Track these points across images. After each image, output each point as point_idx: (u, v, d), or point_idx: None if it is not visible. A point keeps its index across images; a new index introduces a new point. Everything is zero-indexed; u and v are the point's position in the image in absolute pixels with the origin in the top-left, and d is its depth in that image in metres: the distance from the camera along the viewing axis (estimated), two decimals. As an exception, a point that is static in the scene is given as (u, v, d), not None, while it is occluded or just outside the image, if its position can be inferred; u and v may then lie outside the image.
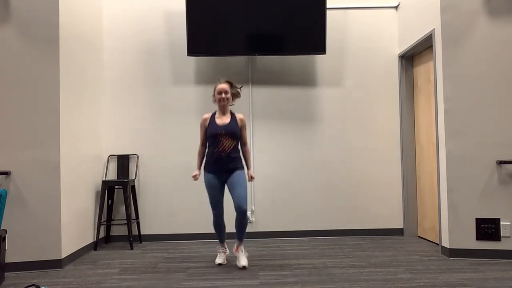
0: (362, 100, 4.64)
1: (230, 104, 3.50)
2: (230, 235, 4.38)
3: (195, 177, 3.39)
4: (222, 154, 3.34)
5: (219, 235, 3.56)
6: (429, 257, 3.61)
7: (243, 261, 3.36)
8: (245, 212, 3.30)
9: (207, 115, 3.46)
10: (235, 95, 3.53)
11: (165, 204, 4.52)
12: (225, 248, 3.63)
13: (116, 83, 4.56)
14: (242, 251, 3.46)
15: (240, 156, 3.45)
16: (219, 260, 3.53)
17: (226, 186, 3.48)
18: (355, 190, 4.60)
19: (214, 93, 3.45)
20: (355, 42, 4.67)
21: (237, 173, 3.37)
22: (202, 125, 3.47)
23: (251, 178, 3.44)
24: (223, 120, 3.41)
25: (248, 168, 3.51)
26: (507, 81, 3.57)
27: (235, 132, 3.37)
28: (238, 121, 3.44)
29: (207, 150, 3.47)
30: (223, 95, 3.38)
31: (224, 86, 3.41)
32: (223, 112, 3.44)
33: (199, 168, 3.50)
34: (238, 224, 3.37)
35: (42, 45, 3.44)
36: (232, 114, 3.46)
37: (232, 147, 3.36)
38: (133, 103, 4.56)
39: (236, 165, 3.39)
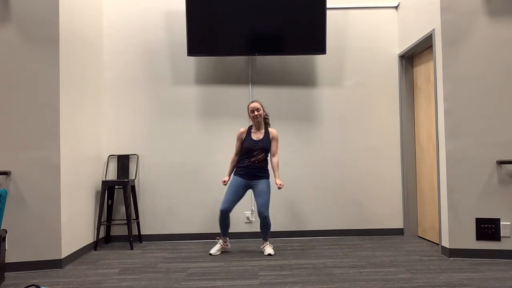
0: (362, 100, 4.65)
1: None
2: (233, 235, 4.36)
3: (225, 182, 3.80)
4: (252, 165, 3.79)
5: (222, 230, 3.86)
6: (429, 257, 3.61)
7: (268, 250, 3.79)
8: (265, 217, 3.70)
9: (244, 129, 3.88)
10: (267, 115, 3.95)
11: (165, 204, 4.53)
12: (226, 242, 3.92)
13: (116, 83, 4.56)
14: (267, 245, 3.85)
15: (267, 167, 3.86)
16: (213, 250, 3.84)
17: (248, 192, 3.89)
18: (355, 190, 4.60)
19: (248, 112, 3.86)
20: (355, 42, 4.67)
21: (262, 181, 3.78)
22: (238, 137, 3.88)
23: (280, 186, 3.71)
24: (257, 135, 3.84)
25: (275, 177, 3.80)
26: (507, 81, 3.57)
27: (267, 148, 3.82)
28: (271, 136, 3.86)
29: (240, 160, 3.87)
30: (256, 113, 3.79)
31: (255, 104, 3.82)
32: (257, 127, 3.85)
33: (230, 175, 3.89)
34: (261, 227, 3.82)
35: (42, 45, 3.44)
36: (266, 129, 3.88)
37: (262, 159, 3.81)
38: (133, 103, 4.56)
39: (262, 173, 3.81)
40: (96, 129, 4.31)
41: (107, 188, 4.40)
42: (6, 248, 3.33)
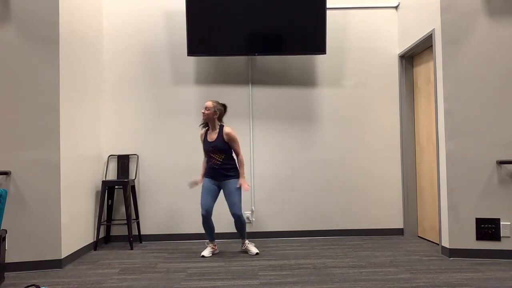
0: (362, 100, 4.64)
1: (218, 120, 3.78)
2: (229, 235, 4.37)
3: (195, 183, 3.80)
4: (215, 166, 3.74)
5: (208, 234, 3.82)
6: (429, 257, 3.61)
7: (253, 250, 3.80)
8: (238, 217, 3.70)
9: (203, 131, 3.84)
10: (219, 112, 3.78)
11: (165, 204, 4.53)
12: (214, 246, 3.88)
13: (116, 83, 4.56)
14: (249, 243, 3.86)
15: (234, 165, 3.78)
16: (205, 252, 3.79)
17: (221, 193, 3.79)
18: (355, 190, 4.60)
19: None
20: (355, 42, 4.67)
21: (231, 181, 3.72)
22: (200, 138, 3.86)
23: (244, 188, 3.67)
24: (211, 136, 3.76)
25: (239, 176, 3.76)
26: (507, 81, 3.57)
27: (222, 148, 3.70)
28: (224, 136, 3.70)
29: (206, 159, 3.86)
30: (202, 110, 3.71)
31: (207, 102, 3.77)
32: (212, 127, 3.78)
33: (202, 176, 3.86)
34: (236, 226, 3.79)
35: (42, 45, 3.44)
36: (220, 129, 3.73)
37: (222, 159, 3.73)
38: (133, 103, 4.56)
39: (229, 173, 3.73)
40: (96, 129, 4.31)
41: (107, 188, 4.40)
42: (6, 248, 3.33)
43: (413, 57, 4.58)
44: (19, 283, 3.04)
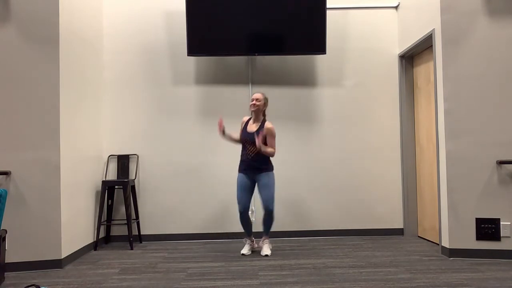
0: (362, 100, 4.65)
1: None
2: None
3: (220, 125, 3.65)
4: (248, 157, 3.73)
5: (246, 230, 3.85)
6: (429, 257, 3.61)
7: (265, 251, 3.76)
8: (271, 211, 3.68)
9: (245, 118, 3.88)
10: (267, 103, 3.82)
11: (165, 204, 4.53)
12: (252, 242, 3.92)
13: (116, 83, 4.56)
14: (267, 243, 3.82)
15: (267, 159, 3.75)
16: (244, 250, 3.82)
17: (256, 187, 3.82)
18: (355, 190, 4.60)
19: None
20: (355, 42, 4.67)
21: (264, 174, 3.70)
22: (241, 123, 3.89)
23: (258, 145, 3.55)
24: (252, 127, 3.76)
25: (272, 170, 3.77)
26: (507, 81, 3.57)
27: (255, 142, 3.67)
28: (265, 130, 3.69)
29: (241, 151, 3.83)
30: (253, 101, 3.73)
31: (257, 94, 3.76)
32: (254, 119, 3.79)
33: (224, 133, 3.72)
34: (264, 221, 3.77)
35: (42, 45, 3.44)
36: (263, 123, 3.74)
37: (256, 152, 3.70)
38: (133, 103, 4.56)
39: (262, 166, 3.71)
40: (96, 129, 4.31)
41: (107, 188, 4.40)
42: (6, 248, 3.33)
43: (413, 57, 4.58)
44: (19, 283, 3.04)
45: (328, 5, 4.59)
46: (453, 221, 3.59)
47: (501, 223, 3.52)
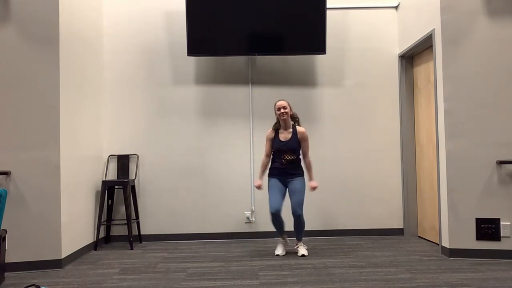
0: (362, 100, 4.64)
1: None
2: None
3: (259, 187, 3.72)
4: (283, 165, 3.71)
5: (279, 231, 3.81)
6: (429, 257, 3.61)
7: (302, 251, 3.75)
8: (299, 216, 3.67)
9: (270, 132, 3.80)
10: (294, 115, 3.82)
11: (165, 204, 4.52)
12: (285, 240, 3.88)
13: (116, 83, 4.56)
14: (301, 245, 3.83)
15: (300, 164, 3.78)
16: (278, 251, 3.79)
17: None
18: (355, 190, 4.60)
19: (274, 110, 3.76)
20: (355, 42, 4.67)
21: (297, 180, 3.71)
22: (268, 138, 3.80)
23: (313, 188, 3.72)
24: (285, 135, 3.74)
25: (310, 179, 3.78)
26: (507, 81, 3.57)
27: (295, 148, 3.71)
28: (299, 135, 3.73)
29: (272, 161, 3.81)
30: (282, 110, 3.69)
31: (282, 102, 3.72)
32: (284, 127, 3.75)
33: (261, 178, 3.80)
34: (295, 226, 3.77)
35: (42, 45, 3.44)
36: (294, 128, 3.75)
37: (292, 159, 3.71)
38: (133, 103, 4.56)
39: (296, 170, 3.73)
40: (96, 129, 4.31)
41: (107, 188, 4.40)
42: (6, 248, 3.33)
43: (413, 57, 4.58)
44: (19, 283, 3.04)
45: (328, 5, 4.58)
46: (453, 221, 3.59)
47: (501, 223, 3.52)
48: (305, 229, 4.55)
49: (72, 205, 3.69)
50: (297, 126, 3.77)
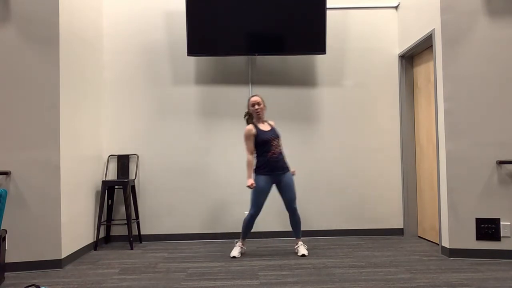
0: (362, 100, 4.64)
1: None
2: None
3: (252, 186, 3.61)
4: (276, 156, 3.69)
5: (246, 233, 3.78)
6: (429, 257, 3.61)
7: (302, 251, 3.73)
8: (295, 210, 3.71)
9: (251, 126, 3.72)
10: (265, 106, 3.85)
11: (165, 204, 4.52)
12: (242, 246, 3.81)
13: (116, 83, 4.56)
14: (301, 245, 3.79)
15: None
16: (234, 253, 3.74)
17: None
18: (355, 190, 4.60)
19: (248, 108, 3.80)
20: (355, 42, 4.67)
21: (287, 174, 3.73)
22: (249, 136, 3.71)
23: (293, 173, 3.80)
24: (263, 127, 3.75)
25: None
26: (507, 81, 3.57)
27: (278, 135, 3.76)
28: (275, 126, 3.83)
29: (258, 157, 3.73)
30: (257, 107, 3.73)
31: (256, 98, 3.75)
32: (259, 122, 3.78)
33: (251, 177, 3.69)
34: (292, 223, 3.77)
35: (42, 45, 3.44)
36: (266, 122, 3.83)
37: (280, 148, 3.75)
38: (133, 103, 4.56)
39: (285, 164, 3.75)
40: (96, 129, 4.31)
41: (107, 188, 4.40)
42: (6, 248, 3.33)
43: (413, 57, 4.58)
44: (19, 283, 3.04)
45: (328, 5, 4.59)
46: (453, 221, 3.59)
47: (501, 223, 3.52)
48: (306, 229, 4.57)
49: (72, 205, 3.69)
50: (267, 120, 3.86)
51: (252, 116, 3.79)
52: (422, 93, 4.36)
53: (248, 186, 3.60)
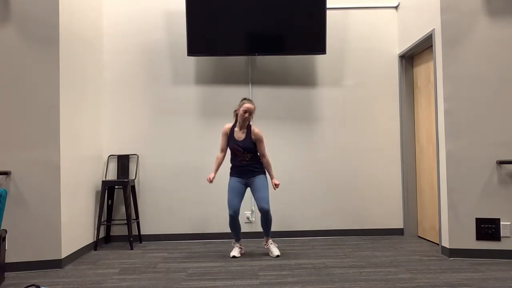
0: (362, 100, 4.64)
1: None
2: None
3: (210, 180, 3.65)
4: (243, 163, 3.70)
5: (235, 234, 3.78)
6: (429, 257, 3.61)
7: (275, 251, 3.72)
8: (267, 211, 3.63)
9: (229, 125, 3.75)
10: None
11: (165, 204, 4.52)
12: (241, 247, 3.82)
13: (116, 83, 4.56)
14: (272, 244, 3.79)
15: (259, 161, 3.75)
16: (234, 252, 3.75)
17: (247, 191, 3.80)
18: (355, 190, 4.60)
19: (238, 107, 3.70)
20: (355, 42, 4.67)
21: (259, 177, 3.70)
22: (224, 133, 3.76)
23: (276, 186, 3.68)
24: (239, 135, 3.70)
25: (271, 178, 3.75)
26: (507, 81, 3.57)
27: (250, 148, 3.67)
28: (252, 136, 3.67)
29: (230, 159, 3.77)
30: (246, 115, 3.65)
31: (250, 106, 3.66)
32: (240, 127, 3.71)
33: (215, 172, 3.75)
34: (263, 223, 3.72)
35: (42, 45, 3.44)
36: (248, 129, 3.70)
37: (249, 158, 3.69)
38: (133, 103, 4.56)
39: (256, 169, 3.71)
40: (96, 129, 4.31)
41: (107, 188, 4.40)
42: (6, 248, 3.33)
43: (413, 57, 4.58)
44: (19, 283, 3.04)
45: (328, 5, 4.59)
46: (453, 221, 3.59)
47: (501, 223, 3.52)
48: (306, 229, 4.57)
49: (72, 205, 3.69)
50: (252, 127, 3.70)
51: (237, 118, 3.72)
52: (422, 93, 4.36)
53: (208, 179, 3.66)
